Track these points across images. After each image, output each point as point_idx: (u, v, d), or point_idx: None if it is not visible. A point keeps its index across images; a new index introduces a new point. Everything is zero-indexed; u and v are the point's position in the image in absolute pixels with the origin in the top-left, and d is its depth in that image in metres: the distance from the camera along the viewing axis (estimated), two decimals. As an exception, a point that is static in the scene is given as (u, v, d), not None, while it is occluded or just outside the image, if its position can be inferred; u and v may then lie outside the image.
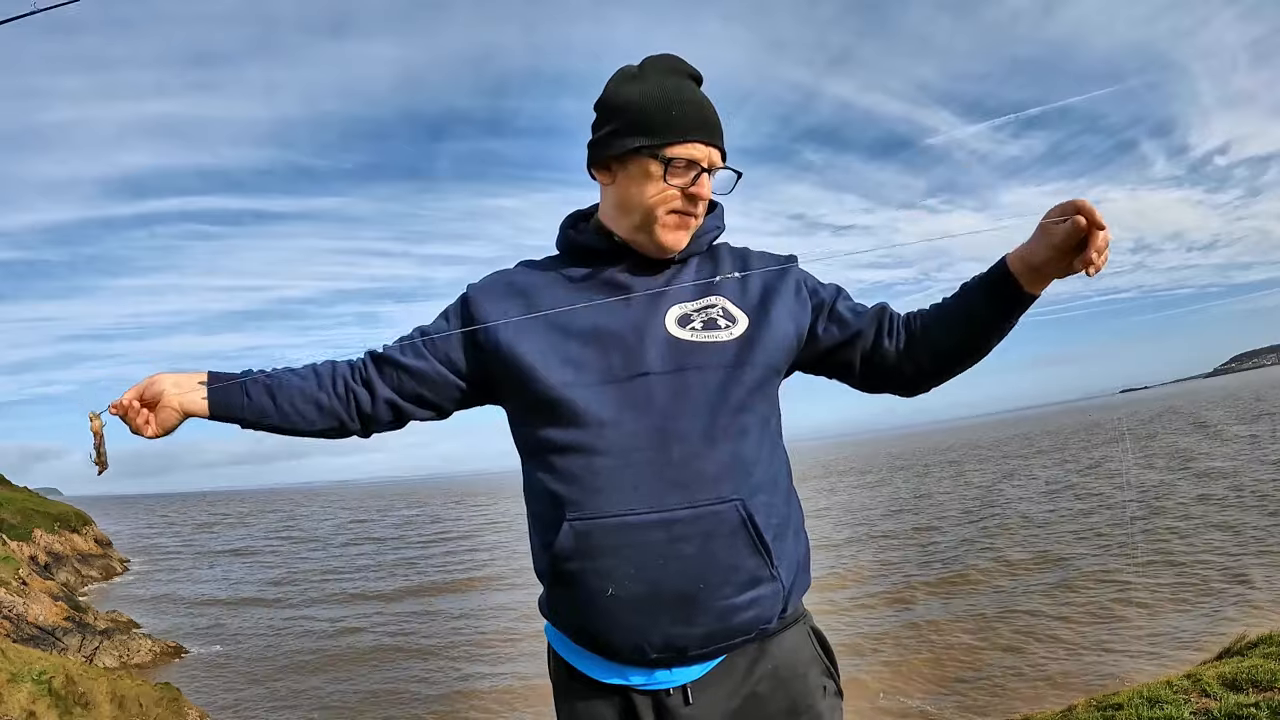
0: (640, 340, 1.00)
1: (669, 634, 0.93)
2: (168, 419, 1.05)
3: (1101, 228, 0.88)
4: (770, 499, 0.99)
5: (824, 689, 1.02)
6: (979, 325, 1.02)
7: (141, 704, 5.57)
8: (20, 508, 17.47)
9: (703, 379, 0.98)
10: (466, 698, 7.86)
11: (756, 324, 1.04)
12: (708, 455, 0.94)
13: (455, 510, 43.08)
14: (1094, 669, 6.62)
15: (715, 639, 0.94)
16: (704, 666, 0.96)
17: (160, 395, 1.04)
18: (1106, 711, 3.22)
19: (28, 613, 10.07)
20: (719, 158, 1.05)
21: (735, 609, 0.94)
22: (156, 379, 1.05)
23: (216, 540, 30.67)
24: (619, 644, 0.95)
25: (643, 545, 0.92)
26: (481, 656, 9.39)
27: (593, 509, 0.95)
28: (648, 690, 0.97)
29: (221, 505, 76.80)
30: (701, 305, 1.05)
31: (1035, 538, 13.08)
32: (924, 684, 6.93)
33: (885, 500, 22.82)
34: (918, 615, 9.23)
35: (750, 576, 0.95)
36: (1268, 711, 2.75)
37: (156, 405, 1.05)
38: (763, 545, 0.95)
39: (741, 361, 1.00)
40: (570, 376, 1.00)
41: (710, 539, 0.93)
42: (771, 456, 1.02)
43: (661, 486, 0.93)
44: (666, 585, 0.92)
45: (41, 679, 4.80)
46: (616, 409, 0.97)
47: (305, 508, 59.40)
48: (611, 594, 0.93)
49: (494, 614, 11.62)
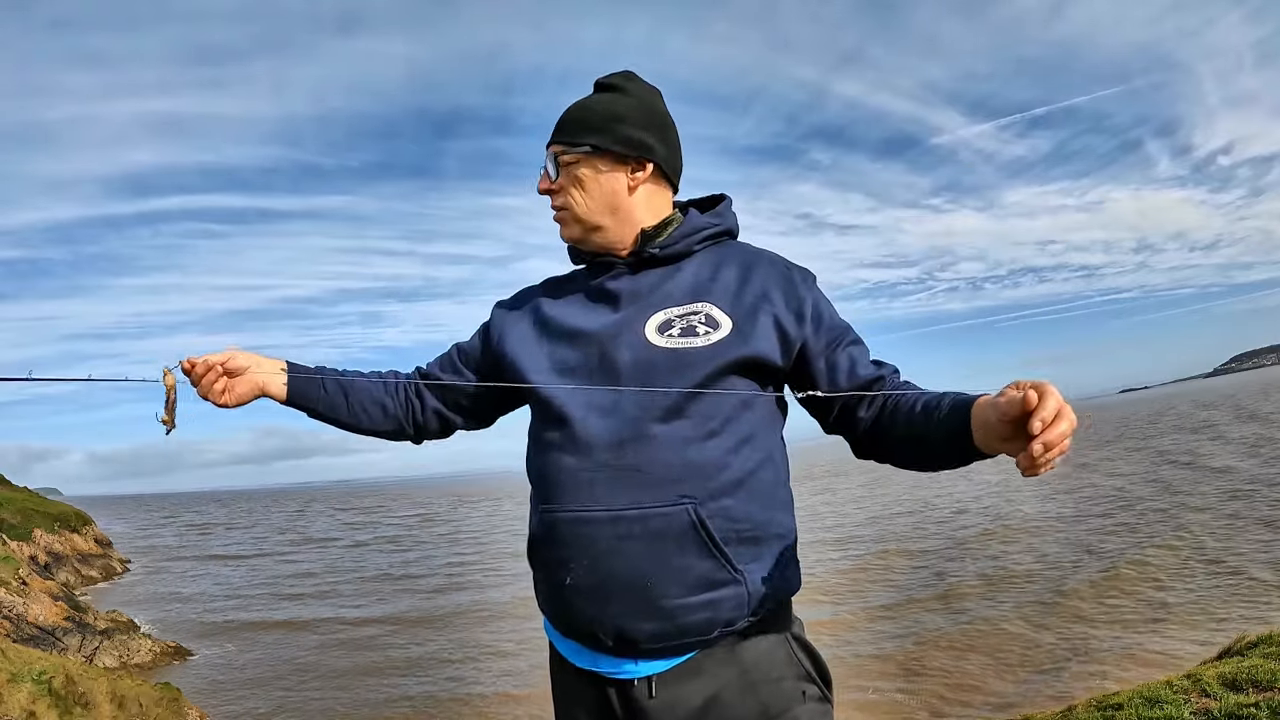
0: (617, 345, 1.04)
1: (620, 626, 0.97)
2: (246, 393, 1.12)
3: (1043, 420, 0.72)
4: (738, 504, 0.98)
5: (803, 694, 1.01)
6: (931, 457, 0.96)
7: (141, 704, 5.57)
8: (20, 508, 17.47)
9: (669, 384, 0.99)
10: (466, 702, 7.85)
11: (738, 331, 1.03)
12: (661, 459, 0.97)
13: (460, 511, 43.06)
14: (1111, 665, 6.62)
15: (667, 636, 0.96)
16: (669, 661, 0.98)
17: (241, 369, 1.11)
18: (1106, 711, 3.22)
19: (28, 613, 10.07)
20: (553, 150, 1.12)
21: (686, 609, 0.95)
22: (236, 353, 1.11)
23: (217, 540, 30.68)
24: (580, 631, 1.01)
25: (594, 539, 0.97)
26: (486, 660, 9.39)
27: (557, 501, 1.01)
28: (615, 678, 1.00)
29: (222, 505, 76.83)
30: (686, 311, 1.05)
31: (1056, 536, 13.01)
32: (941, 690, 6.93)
33: (889, 502, 22.81)
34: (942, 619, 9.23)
35: (703, 579, 0.96)
36: (1268, 711, 2.75)
37: (235, 377, 1.11)
38: (717, 549, 0.96)
39: (712, 368, 1.00)
40: (551, 377, 1.08)
41: (658, 539, 0.95)
42: (751, 463, 1.02)
43: (614, 486, 0.97)
44: (615, 580, 0.96)
45: (41, 679, 4.80)
46: (585, 409, 1.02)
47: (306, 508, 59.41)
48: (570, 583, 0.99)
49: (498, 618, 11.62)
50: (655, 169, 1.12)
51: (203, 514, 55.78)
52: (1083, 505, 15.84)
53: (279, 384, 1.15)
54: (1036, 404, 0.74)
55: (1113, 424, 49.91)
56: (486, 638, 10.39)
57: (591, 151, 1.09)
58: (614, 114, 1.09)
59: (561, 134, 1.11)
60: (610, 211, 1.11)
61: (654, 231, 1.12)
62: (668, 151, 1.13)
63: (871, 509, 20.23)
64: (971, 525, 15.43)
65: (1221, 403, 54.91)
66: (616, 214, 1.11)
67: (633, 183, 1.11)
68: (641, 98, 1.13)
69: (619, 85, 1.13)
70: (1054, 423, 0.72)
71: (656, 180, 1.13)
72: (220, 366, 1.10)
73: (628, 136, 1.09)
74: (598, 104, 1.11)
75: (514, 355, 1.13)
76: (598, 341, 1.06)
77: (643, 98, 1.13)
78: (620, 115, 1.09)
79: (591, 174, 1.10)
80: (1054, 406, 0.73)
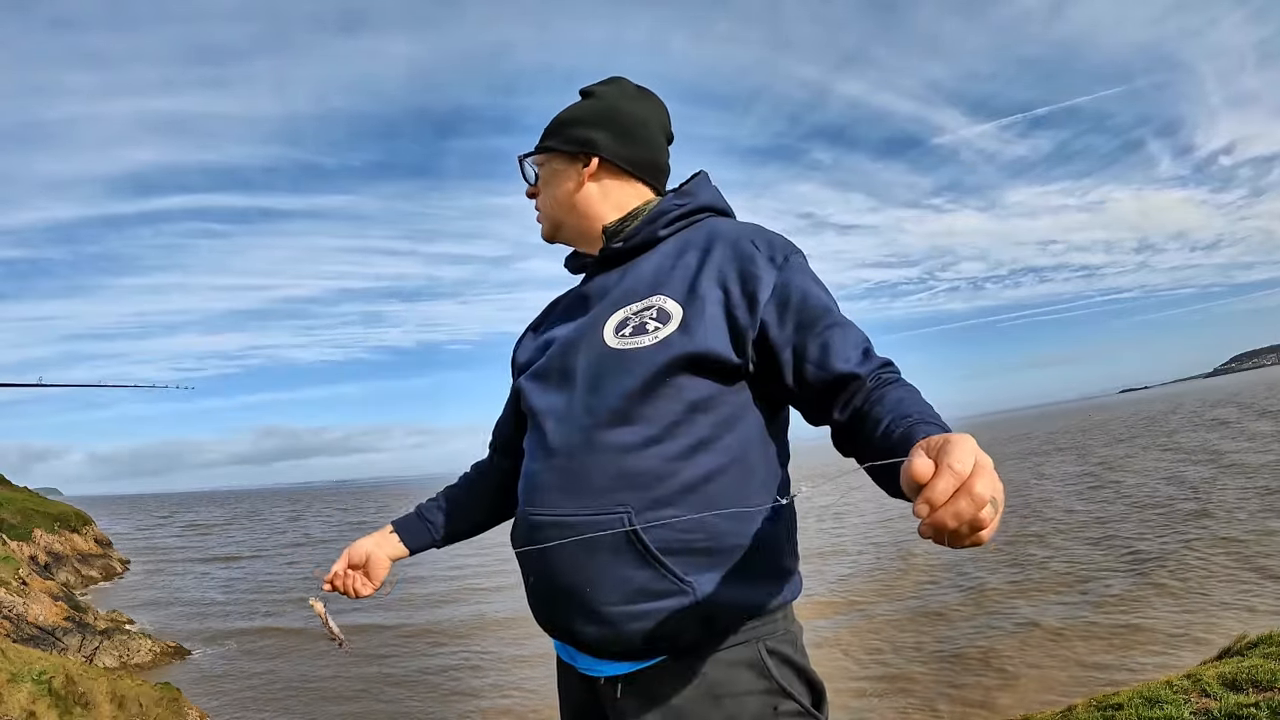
0: (578, 350, 1.05)
1: (569, 628, 0.99)
2: (382, 572, 1.24)
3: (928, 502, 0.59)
4: (686, 513, 0.92)
5: (774, 709, 0.95)
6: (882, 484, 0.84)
7: (141, 704, 5.57)
8: (20, 508, 17.47)
9: (615, 389, 0.97)
10: (468, 701, 7.85)
11: (685, 325, 0.96)
12: (600, 466, 0.96)
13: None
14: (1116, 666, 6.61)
15: (610, 641, 0.94)
16: (632, 665, 0.97)
17: (368, 556, 1.23)
18: (1106, 711, 3.22)
19: (28, 613, 10.07)
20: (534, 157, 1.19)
21: (626, 616, 0.93)
22: (356, 546, 1.24)
23: (217, 541, 30.67)
24: (544, 627, 1.04)
25: (543, 542, 0.99)
26: (489, 663, 9.39)
27: (522, 505, 1.06)
28: (589, 675, 1.02)
29: (222, 505, 76.79)
30: (641, 306, 1.02)
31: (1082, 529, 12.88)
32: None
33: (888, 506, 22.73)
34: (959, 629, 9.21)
35: (642, 589, 0.92)
36: (1268, 711, 2.75)
37: (365, 565, 1.23)
38: (654, 559, 0.91)
39: (654, 370, 0.95)
40: (529, 384, 1.12)
41: (594, 547, 0.94)
42: (703, 469, 0.94)
43: (562, 492, 0.99)
44: (559, 583, 0.98)
45: (41, 679, 4.80)
46: (545, 416, 1.05)
47: (308, 508, 59.41)
48: (530, 582, 1.03)
49: (502, 624, 11.61)
50: (602, 162, 1.13)
51: (203, 514, 55.77)
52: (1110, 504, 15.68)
53: (400, 548, 1.27)
54: (928, 479, 0.60)
55: (1123, 423, 49.80)
56: (491, 643, 10.39)
57: (547, 153, 1.17)
58: (571, 117, 1.15)
59: (541, 140, 1.19)
60: (567, 208, 1.16)
61: (617, 226, 1.13)
62: (617, 144, 1.13)
63: (889, 509, 20.12)
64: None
65: (1227, 401, 54.83)
66: (573, 210, 1.15)
67: (580, 178, 1.14)
68: (607, 98, 1.15)
69: (594, 91, 1.17)
70: (949, 502, 0.58)
71: (610, 173, 1.14)
72: (349, 570, 1.23)
73: (572, 135, 1.14)
74: (565, 110, 1.17)
75: (518, 377, 1.19)
76: (561, 349, 1.08)
77: (608, 98, 1.15)
78: (576, 118, 1.15)
79: (549, 174, 1.17)
80: (946, 485, 0.59)
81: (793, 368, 0.96)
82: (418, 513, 1.31)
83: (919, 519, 0.60)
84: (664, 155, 1.19)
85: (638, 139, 1.15)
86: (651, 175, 1.17)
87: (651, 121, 1.17)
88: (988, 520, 0.59)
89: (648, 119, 1.16)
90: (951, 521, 0.58)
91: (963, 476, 0.59)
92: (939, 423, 0.80)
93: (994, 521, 0.60)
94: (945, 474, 0.59)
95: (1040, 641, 7.63)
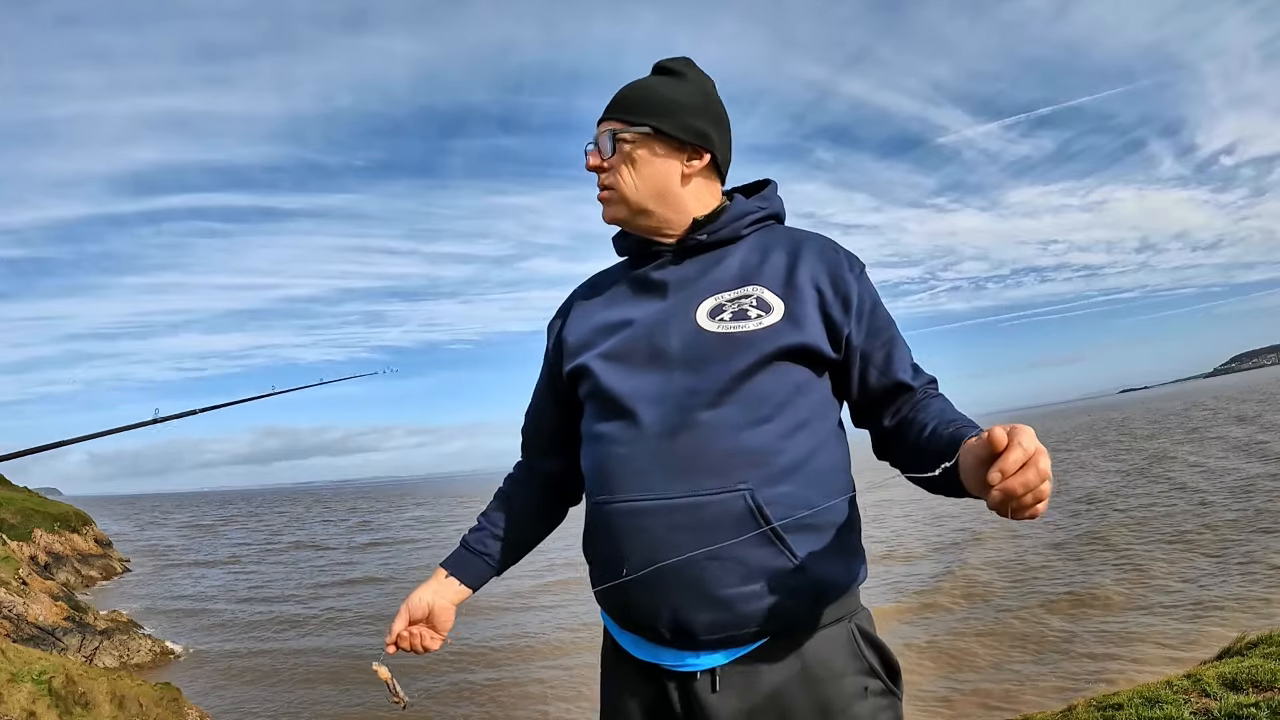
0: (667, 333, 1.03)
1: (676, 617, 0.95)
2: (447, 621, 1.17)
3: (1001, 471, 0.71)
4: (796, 490, 0.95)
5: (864, 690, 0.98)
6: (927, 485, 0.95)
7: (141, 704, 5.57)
8: (20, 508, 17.47)
9: (722, 370, 0.98)
10: (469, 701, 7.85)
11: (790, 316, 1.01)
12: (715, 445, 0.95)
13: (466, 511, 43.04)
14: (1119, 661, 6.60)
15: (725, 626, 0.94)
16: (730, 654, 0.96)
17: (429, 608, 1.15)
18: (1106, 711, 3.22)
19: (28, 613, 10.07)
20: (610, 127, 1.09)
21: (743, 598, 0.93)
22: (412, 601, 1.16)
23: (217, 541, 30.66)
24: (638, 623, 1.00)
25: (648, 530, 0.96)
26: (492, 666, 9.39)
27: (609, 492, 1.01)
28: (676, 671, 0.99)
29: (222, 506, 76.81)
30: (736, 295, 1.03)
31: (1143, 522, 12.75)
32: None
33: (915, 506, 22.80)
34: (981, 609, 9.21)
35: (761, 567, 0.93)
36: (1268, 711, 2.75)
37: (428, 618, 1.16)
38: (776, 536, 0.93)
39: (767, 352, 0.98)
40: (602, 364, 1.07)
41: (714, 528, 0.93)
42: (806, 448, 0.99)
43: (666, 475, 0.96)
44: (670, 570, 0.94)
45: (41, 679, 4.80)
46: (634, 399, 1.01)
47: (309, 508, 59.40)
48: (626, 574, 0.98)
49: (503, 625, 11.61)
50: (710, 161, 1.10)
51: (203, 514, 55.77)
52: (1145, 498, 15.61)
53: (462, 591, 1.20)
54: (1002, 450, 0.72)
55: (1143, 421, 49.74)
56: (493, 643, 10.39)
57: (651, 133, 1.07)
58: (675, 99, 1.07)
59: (619, 111, 1.09)
60: (659, 197, 1.08)
61: (705, 219, 1.10)
62: (724, 144, 1.11)
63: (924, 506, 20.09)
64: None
65: (1243, 397, 54.74)
66: (665, 200, 1.09)
67: (687, 170, 1.09)
68: (701, 86, 1.11)
69: (679, 71, 1.11)
70: (1018, 472, 0.70)
71: (709, 172, 1.12)
72: (408, 630, 1.16)
73: (689, 124, 1.07)
74: (659, 86, 1.09)
75: (578, 360, 1.12)
76: (646, 329, 1.05)
77: (702, 87, 1.11)
78: (682, 102, 1.07)
79: (647, 156, 1.07)
80: (1018, 457, 0.70)
81: (859, 370, 1.05)
82: (466, 547, 1.22)
83: (990, 485, 0.71)
84: None
85: (730, 137, 1.14)
86: (727, 175, 1.17)
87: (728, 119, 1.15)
88: (1046, 494, 0.71)
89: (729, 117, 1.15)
90: (1020, 489, 0.70)
91: (1030, 452, 0.71)
92: (979, 429, 0.86)
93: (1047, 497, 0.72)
94: (1016, 448, 0.71)
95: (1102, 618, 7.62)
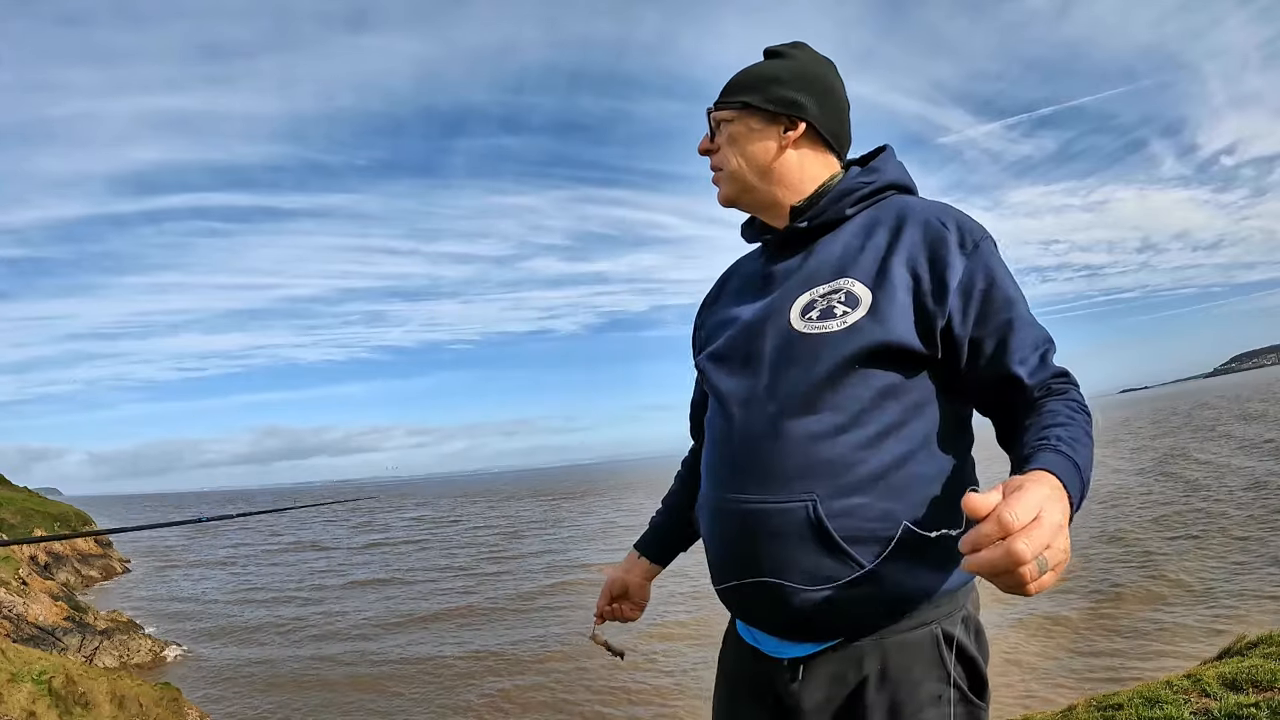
0: (763, 332, 1.01)
1: (751, 611, 1.01)
2: (643, 596, 1.32)
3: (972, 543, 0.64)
4: (873, 501, 0.92)
5: (939, 698, 0.94)
6: None
7: (141, 704, 5.57)
8: (20, 508, 17.47)
9: (802, 376, 0.95)
10: (468, 704, 7.85)
11: (874, 311, 0.94)
12: (786, 453, 0.94)
13: (469, 511, 43.01)
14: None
15: (796, 627, 0.96)
16: (816, 645, 0.97)
17: (628, 585, 1.31)
18: (1106, 711, 3.21)
19: (28, 613, 10.07)
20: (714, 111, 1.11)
21: (811, 602, 0.93)
22: (611, 579, 1.32)
23: (217, 541, 30.65)
24: (730, 608, 1.06)
25: (725, 527, 1.00)
26: (494, 668, 9.38)
27: (705, 485, 1.07)
28: (770, 657, 1.01)
29: (223, 505, 76.71)
30: (828, 289, 0.98)
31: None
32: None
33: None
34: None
35: (825, 575, 0.92)
36: (1268, 711, 2.74)
37: (626, 594, 1.31)
38: (838, 547, 0.91)
39: (846, 354, 0.93)
40: (710, 365, 1.09)
41: (779, 534, 0.94)
42: (891, 455, 0.93)
43: (743, 477, 0.98)
44: (741, 566, 0.98)
45: (41, 679, 4.80)
46: (730, 401, 1.03)
47: (309, 509, 59.34)
48: (714, 562, 1.04)
49: (507, 629, 11.60)
50: (809, 129, 1.07)
51: (202, 514, 55.61)
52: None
53: (652, 569, 1.33)
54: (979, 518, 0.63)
55: (1155, 416, 49.75)
56: (496, 645, 10.38)
57: (743, 109, 1.07)
58: (769, 75, 1.07)
59: (721, 96, 1.10)
60: (761, 172, 1.07)
61: (804, 204, 1.07)
62: (824, 113, 1.07)
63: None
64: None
65: (1253, 396, 54.73)
66: (767, 175, 1.07)
67: (784, 142, 1.06)
68: (802, 61, 1.09)
69: (784, 52, 1.10)
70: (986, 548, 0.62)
71: (812, 142, 1.08)
72: (612, 603, 1.32)
73: (779, 95, 1.05)
74: (758, 67, 1.09)
75: (698, 356, 1.16)
76: (746, 328, 1.04)
77: (803, 62, 1.09)
78: (775, 76, 1.07)
79: (744, 131, 1.07)
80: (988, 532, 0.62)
81: (966, 363, 0.95)
82: (651, 527, 1.34)
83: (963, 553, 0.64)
84: (850, 127, 1.14)
85: (837, 108, 1.10)
86: (841, 147, 1.12)
87: (842, 90, 1.12)
88: (1027, 577, 0.61)
89: (840, 87, 1.11)
90: (980, 569, 0.61)
91: (1009, 529, 0.61)
92: (1066, 452, 0.79)
93: (1041, 579, 0.61)
94: (991, 521, 0.62)
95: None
